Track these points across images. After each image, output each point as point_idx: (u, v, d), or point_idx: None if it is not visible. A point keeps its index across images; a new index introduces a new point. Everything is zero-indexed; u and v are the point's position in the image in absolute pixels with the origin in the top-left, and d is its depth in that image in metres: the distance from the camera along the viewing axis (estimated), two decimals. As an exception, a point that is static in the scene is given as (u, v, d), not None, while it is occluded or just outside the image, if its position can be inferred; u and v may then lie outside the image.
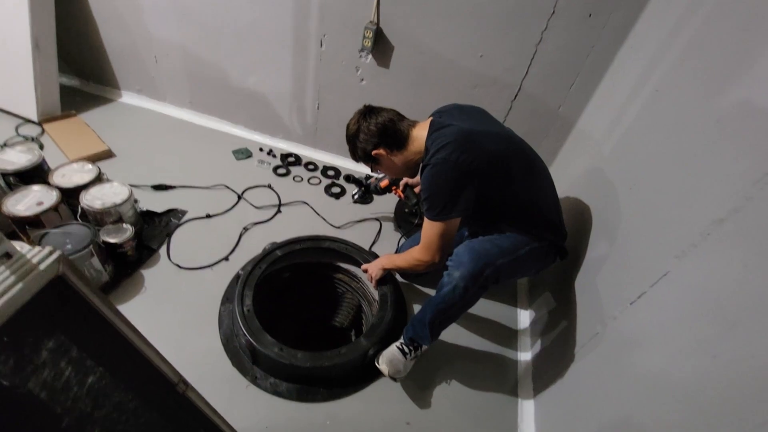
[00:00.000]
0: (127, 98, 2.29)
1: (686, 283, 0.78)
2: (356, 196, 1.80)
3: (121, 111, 2.22)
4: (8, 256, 0.53)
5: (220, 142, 2.12)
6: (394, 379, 1.22)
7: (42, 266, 0.53)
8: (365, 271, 1.46)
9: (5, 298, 0.48)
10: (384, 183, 1.68)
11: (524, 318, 1.54)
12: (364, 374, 1.26)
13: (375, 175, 1.75)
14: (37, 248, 0.55)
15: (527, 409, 1.25)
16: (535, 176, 1.21)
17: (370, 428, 1.16)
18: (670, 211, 0.89)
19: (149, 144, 2.02)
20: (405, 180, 1.64)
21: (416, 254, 1.25)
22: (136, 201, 1.51)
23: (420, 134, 1.20)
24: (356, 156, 1.31)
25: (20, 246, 0.54)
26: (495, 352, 1.43)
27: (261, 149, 2.12)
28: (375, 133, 1.22)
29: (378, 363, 1.21)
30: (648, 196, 1.00)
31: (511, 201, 1.17)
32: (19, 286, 0.49)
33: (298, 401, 1.18)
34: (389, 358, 1.21)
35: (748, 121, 0.77)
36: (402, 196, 1.67)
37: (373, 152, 1.25)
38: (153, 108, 2.25)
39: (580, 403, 1.02)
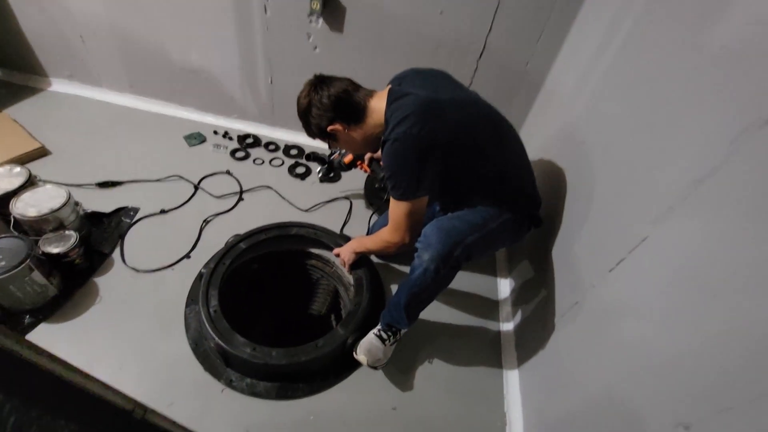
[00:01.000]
0: (58, 86, 2.05)
1: (665, 248, 0.75)
2: (320, 175, 1.72)
3: (53, 101, 2.00)
4: None
5: (170, 128, 1.94)
6: (375, 368, 1.18)
7: None
8: (337, 255, 1.39)
9: None
10: (348, 158, 1.59)
11: (504, 288, 1.52)
12: (345, 364, 1.22)
13: (337, 150, 1.65)
14: None
15: (512, 379, 1.25)
16: (505, 143, 1.13)
17: (355, 418, 1.13)
18: (646, 172, 0.84)
19: (88, 137, 1.83)
20: (369, 154, 1.54)
21: (385, 236, 1.19)
22: (77, 203, 1.37)
23: (378, 105, 1.09)
24: (311, 132, 1.19)
25: None
26: (477, 324, 1.41)
27: (215, 132, 1.96)
28: (329, 106, 1.10)
29: (356, 353, 1.17)
30: (622, 157, 0.95)
31: (481, 172, 1.09)
32: None
33: (277, 400, 1.13)
34: (367, 347, 1.16)
35: (727, 68, 0.71)
36: (368, 170, 1.58)
37: (329, 128, 1.13)
38: (89, 95, 2.03)
39: (563, 372, 1.01)
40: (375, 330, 1.20)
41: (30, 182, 1.35)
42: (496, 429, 1.16)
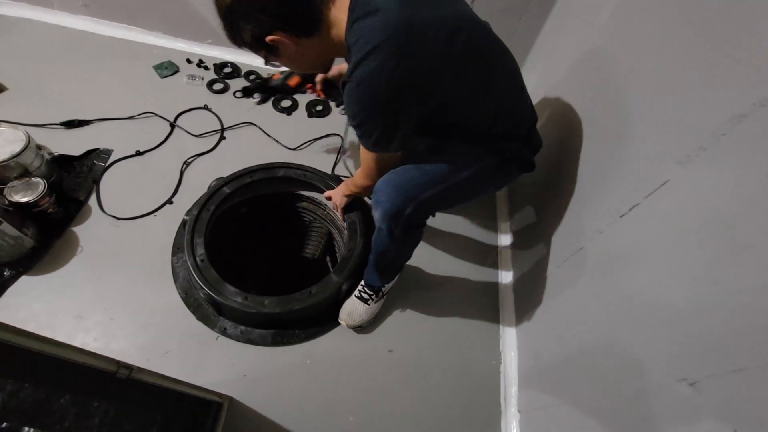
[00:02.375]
0: (2, 8, 1.79)
1: (689, 194, 0.67)
2: (257, 100, 1.49)
3: (1, 26, 1.75)
4: None
5: (136, 57, 1.73)
6: (360, 327, 1.17)
7: None
8: (328, 199, 1.31)
9: None
10: (294, 80, 1.32)
11: (505, 231, 1.47)
12: (340, 309, 1.20)
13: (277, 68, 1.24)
14: None
15: (509, 321, 1.25)
16: (496, 77, 0.91)
17: (351, 361, 1.14)
18: (677, 103, 0.73)
19: (46, 68, 1.63)
20: (321, 75, 1.28)
21: (359, 180, 1.09)
22: (40, 147, 1.25)
23: (339, 17, 0.82)
24: (238, 40, 0.87)
25: None
26: (474, 268, 1.38)
27: (189, 61, 1.75)
28: (270, 7, 0.79)
29: (339, 318, 1.16)
30: (648, 85, 0.83)
31: (464, 112, 0.91)
32: None
33: (273, 346, 1.13)
34: (348, 310, 1.16)
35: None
36: (323, 95, 1.34)
37: (268, 38, 0.82)
38: (39, 18, 1.78)
39: (562, 317, 0.99)
40: (357, 290, 1.17)
41: (-17, 124, 1.22)
42: (491, 368, 1.18)
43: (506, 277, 1.35)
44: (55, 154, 1.37)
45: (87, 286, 1.16)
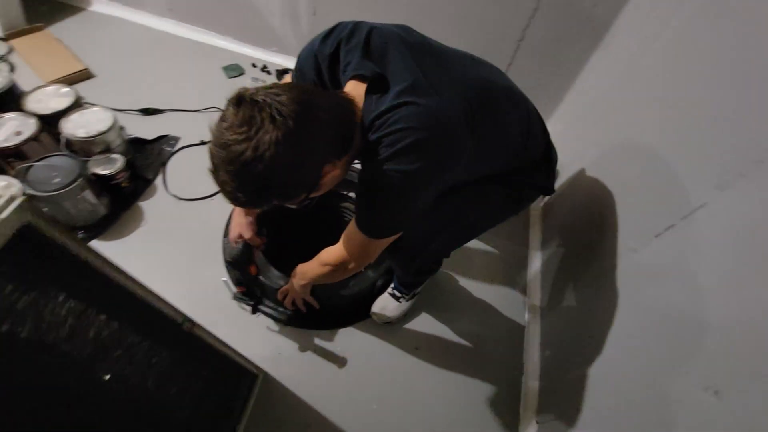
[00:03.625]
0: (99, 6, 2.02)
1: (725, 217, 0.71)
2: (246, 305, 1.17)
3: (94, 22, 1.98)
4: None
5: (209, 58, 1.91)
6: (390, 323, 1.23)
7: (3, 215, 0.46)
8: (283, 299, 1.12)
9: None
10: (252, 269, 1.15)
11: (535, 251, 1.50)
12: (373, 304, 1.26)
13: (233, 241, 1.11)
14: None
15: (533, 342, 1.27)
16: (508, 124, 0.85)
17: (379, 353, 1.20)
18: (715, 132, 0.78)
19: (130, 61, 1.83)
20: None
21: (334, 260, 0.89)
22: (122, 128, 1.40)
23: (358, 103, 0.72)
24: (260, 198, 0.67)
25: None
26: (504, 286, 1.42)
27: (254, 65, 1.92)
28: (327, 135, 0.66)
29: (371, 311, 1.22)
30: (696, 110, 0.87)
31: (478, 171, 0.87)
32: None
33: (309, 329, 1.20)
34: (381, 305, 1.22)
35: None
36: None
37: (327, 172, 0.69)
38: (129, 18, 2.00)
39: (586, 330, 1.02)
40: (390, 288, 1.23)
41: (77, 103, 1.38)
42: (513, 377, 1.21)
43: (535, 294, 1.38)
44: (131, 136, 1.52)
45: (147, 255, 1.28)
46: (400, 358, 1.20)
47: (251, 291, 1.15)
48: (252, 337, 1.17)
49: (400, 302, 1.22)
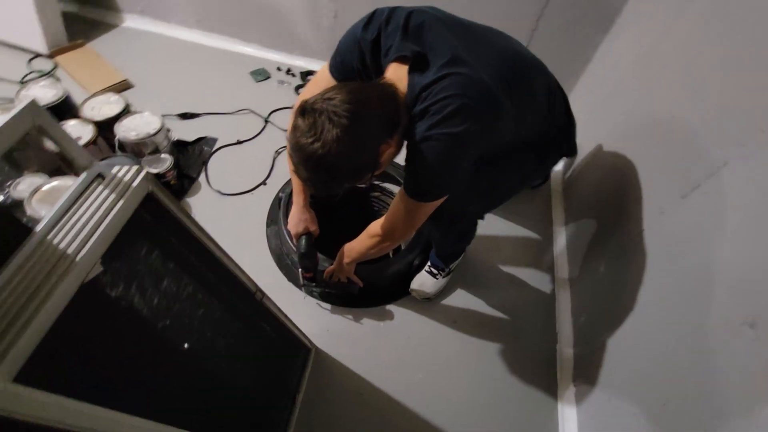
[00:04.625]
0: (131, 22, 2.15)
1: (748, 174, 0.77)
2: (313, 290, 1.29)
3: (128, 37, 2.11)
4: (101, 177, 0.55)
5: (236, 64, 2.02)
6: (428, 299, 1.30)
7: (135, 183, 0.55)
8: (330, 277, 1.22)
9: (111, 215, 0.50)
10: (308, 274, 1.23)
11: (560, 226, 1.57)
12: (411, 281, 1.34)
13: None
14: (123, 168, 0.57)
15: (564, 306, 1.33)
16: (536, 90, 0.93)
17: (419, 327, 1.27)
18: (732, 93, 0.85)
19: (164, 71, 1.95)
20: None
21: (385, 235, 0.97)
22: (168, 130, 1.51)
23: (400, 82, 0.80)
24: (339, 184, 0.80)
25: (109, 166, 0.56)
26: (532, 263, 1.49)
27: (279, 69, 2.02)
28: (384, 114, 0.77)
29: (411, 288, 1.30)
30: (704, 78, 0.94)
31: (511, 137, 0.93)
32: (120, 203, 0.52)
33: (352, 308, 1.28)
34: (419, 282, 1.29)
35: None
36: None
37: (384, 150, 0.79)
38: (160, 31, 2.12)
39: (619, 298, 1.08)
40: (426, 266, 1.31)
41: (127, 109, 1.49)
42: (548, 344, 1.27)
43: (562, 267, 1.45)
44: (174, 138, 1.63)
45: None
46: (440, 331, 1.27)
47: (315, 277, 1.24)
48: (300, 316, 1.23)
49: (437, 279, 1.29)
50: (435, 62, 0.77)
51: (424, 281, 1.29)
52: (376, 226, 0.99)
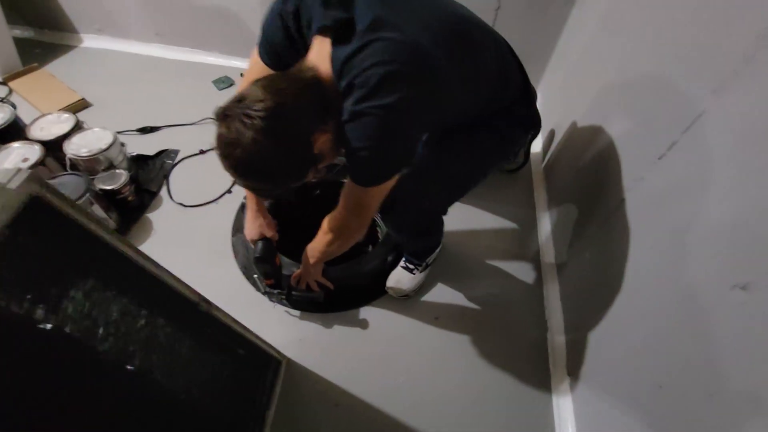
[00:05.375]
0: (89, 42, 2.10)
1: (726, 122, 0.70)
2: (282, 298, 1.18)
3: (86, 57, 2.05)
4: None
5: (198, 74, 1.96)
6: (407, 296, 1.22)
7: (11, 185, 0.48)
8: (297, 283, 1.14)
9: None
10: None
11: (543, 211, 1.49)
12: (387, 279, 1.26)
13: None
14: (8, 170, 0.49)
15: (553, 296, 1.25)
16: (482, 58, 0.83)
17: (400, 327, 1.19)
18: (701, 38, 0.78)
19: (124, 88, 1.88)
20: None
21: (340, 227, 0.89)
22: (123, 145, 1.44)
23: (322, 64, 0.72)
24: (278, 185, 0.75)
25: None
26: (516, 245, 1.41)
27: (242, 75, 1.95)
28: (308, 103, 0.69)
29: (387, 286, 1.22)
30: (671, 31, 0.87)
31: (462, 107, 0.85)
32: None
33: (326, 312, 1.20)
34: (395, 279, 1.21)
35: None
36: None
37: (318, 140, 0.71)
38: (119, 48, 2.07)
39: (605, 271, 1.00)
40: (402, 261, 1.23)
41: (78, 126, 1.42)
42: (538, 335, 1.19)
43: (548, 252, 1.37)
44: (133, 153, 1.56)
45: (160, 262, 1.29)
46: (421, 329, 1.18)
47: (278, 282, 1.15)
48: (270, 327, 1.16)
49: (413, 274, 1.21)
50: (358, 29, 0.67)
51: (400, 278, 1.21)
52: (328, 221, 0.91)
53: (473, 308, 1.23)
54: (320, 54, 0.72)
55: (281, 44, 0.81)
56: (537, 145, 1.68)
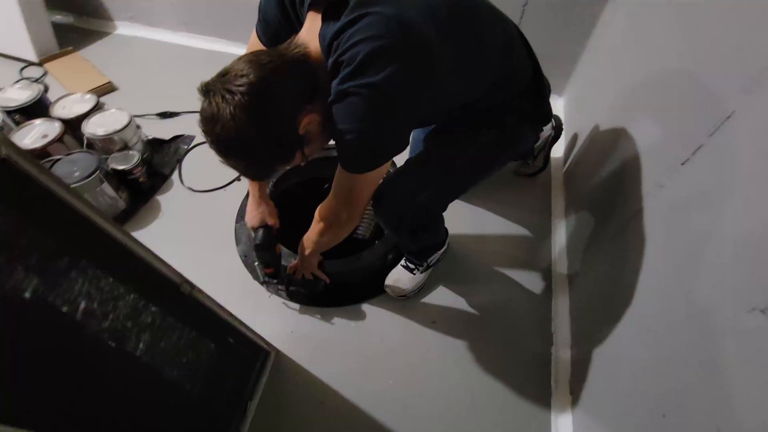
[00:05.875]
0: (122, 29, 2.17)
1: (757, 122, 0.62)
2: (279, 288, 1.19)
3: (118, 43, 2.12)
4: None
5: (221, 63, 1.92)
6: (405, 297, 1.17)
7: (-23, 148, 0.47)
8: (293, 273, 1.12)
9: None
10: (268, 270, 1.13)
11: (559, 219, 1.41)
12: (386, 277, 1.22)
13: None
14: None
15: (562, 305, 1.17)
16: (484, 36, 0.78)
17: (394, 328, 1.14)
18: (736, 36, 0.70)
19: (150, 73, 1.94)
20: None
21: (331, 216, 0.86)
22: (138, 127, 1.47)
23: (312, 39, 0.69)
24: (262, 166, 0.74)
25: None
26: (526, 254, 1.33)
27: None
28: (293, 81, 0.66)
29: (385, 284, 1.17)
30: (703, 18, 0.79)
31: (461, 94, 0.81)
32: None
33: (321, 307, 1.17)
34: (394, 278, 1.16)
35: None
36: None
37: (301, 127, 0.68)
38: (148, 36, 2.13)
39: (616, 282, 0.92)
40: (403, 260, 1.18)
41: (97, 107, 1.46)
42: (541, 347, 1.11)
43: (561, 262, 1.29)
44: (150, 137, 1.59)
45: (165, 245, 1.26)
46: (417, 332, 1.13)
47: (278, 271, 1.13)
48: (263, 316, 1.15)
49: (414, 274, 1.16)
50: (349, 5, 0.64)
51: (399, 277, 1.17)
52: (319, 210, 0.88)
53: (475, 314, 1.17)
54: (310, 31, 0.69)
55: (277, 22, 0.79)
56: (558, 150, 1.59)
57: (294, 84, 0.66)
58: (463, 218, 1.36)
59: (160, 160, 1.54)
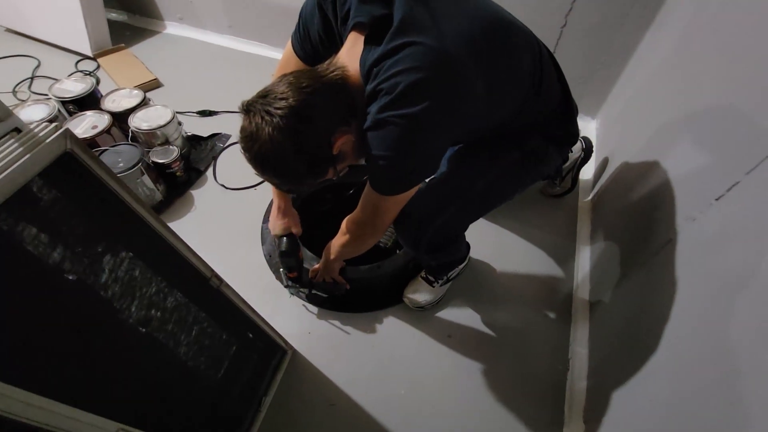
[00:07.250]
0: (171, 29, 2.29)
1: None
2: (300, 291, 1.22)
3: (167, 42, 2.23)
4: (18, 131, 0.52)
5: (261, 67, 2.06)
6: (422, 308, 1.18)
7: (48, 140, 0.52)
8: (314, 277, 1.14)
9: (14, 168, 0.47)
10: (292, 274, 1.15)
11: (584, 245, 1.39)
12: (405, 288, 1.23)
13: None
14: (45, 124, 0.54)
15: (581, 331, 1.15)
16: (518, 62, 0.78)
17: (409, 338, 1.15)
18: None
19: (194, 72, 2.03)
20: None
21: (356, 230, 0.89)
22: (180, 123, 1.54)
23: (352, 62, 0.70)
24: (295, 182, 0.76)
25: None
26: (548, 277, 1.32)
27: (300, 72, 2.03)
28: (330, 104, 0.68)
29: (404, 295, 1.18)
30: (745, 53, 0.78)
31: (488, 117, 0.80)
32: (27, 158, 0.49)
33: (339, 311, 1.19)
34: (413, 289, 1.17)
35: None
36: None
37: (337, 142, 0.70)
38: (195, 37, 2.24)
39: (641, 325, 0.91)
40: (423, 271, 1.19)
41: (144, 102, 1.54)
42: (557, 373, 1.10)
43: (584, 288, 1.27)
44: (189, 133, 1.66)
45: (195, 237, 1.32)
46: (432, 345, 1.14)
47: (300, 276, 1.16)
48: (283, 316, 1.19)
49: (433, 287, 1.17)
50: (391, 29, 0.64)
51: (418, 288, 1.18)
52: (345, 222, 0.91)
53: (490, 333, 1.17)
54: (351, 53, 0.70)
55: (317, 37, 0.81)
56: (588, 172, 1.57)
57: (331, 107, 0.68)
58: (485, 235, 1.37)
59: (196, 156, 1.61)
